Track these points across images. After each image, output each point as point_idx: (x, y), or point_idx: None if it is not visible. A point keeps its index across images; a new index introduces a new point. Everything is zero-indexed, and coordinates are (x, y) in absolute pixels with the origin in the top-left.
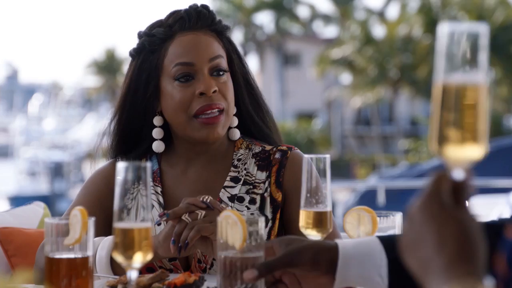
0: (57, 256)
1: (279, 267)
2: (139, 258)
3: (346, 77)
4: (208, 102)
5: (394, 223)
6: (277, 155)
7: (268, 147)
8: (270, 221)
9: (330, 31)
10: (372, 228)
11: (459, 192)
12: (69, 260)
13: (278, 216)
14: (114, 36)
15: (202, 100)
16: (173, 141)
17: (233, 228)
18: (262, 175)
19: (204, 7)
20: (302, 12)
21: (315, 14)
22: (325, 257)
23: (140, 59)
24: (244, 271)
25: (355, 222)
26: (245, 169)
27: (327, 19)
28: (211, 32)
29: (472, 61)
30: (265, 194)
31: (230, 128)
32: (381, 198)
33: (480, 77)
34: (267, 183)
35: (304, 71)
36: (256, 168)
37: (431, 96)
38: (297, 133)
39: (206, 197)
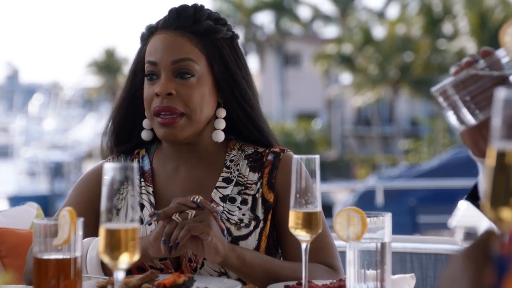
0: (46, 257)
1: None
2: (126, 259)
3: (346, 77)
4: (161, 104)
5: (383, 224)
6: (270, 157)
7: (261, 149)
8: (262, 222)
9: (330, 31)
10: (362, 229)
11: None
12: (57, 260)
13: (269, 216)
14: (114, 36)
15: (158, 101)
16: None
17: None
18: (254, 176)
19: (195, 7)
20: (302, 12)
21: (316, 14)
22: None
23: (138, 50)
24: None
25: (344, 223)
26: (237, 170)
27: (327, 19)
28: (189, 34)
29: None
30: (257, 195)
31: (215, 129)
32: (379, 199)
33: None
34: (259, 184)
35: (304, 71)
36: (248, 169)
37: (431, 96)
38: (297, 133)
39: (197, 197)
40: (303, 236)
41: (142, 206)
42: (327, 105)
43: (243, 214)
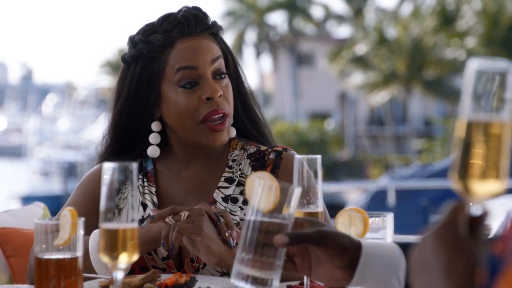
0: (47, 256)
1: (309, 242)
2: (125, 259)
3: (359, 76)
4: (215, 108)
5: (385, 224)
6: (272, 156)
7: (263, 148)
8: None
9: (343, 31)
10: (363, 229)
11: (475, 226)
12: (58, 260)
13: None
14: (127, 36)
15: (208, 105)
16: (170, 144)
17: (265, 190)
18: None
19: (198, 9)
20: (316, 12)
21: (329, 14)
22: (351, 251)
23: (139, 67)
24: (268, 236)
25: (346, 223)
26: (239, 169)
27: (340, 19)
28: (208, 36)
29: (498, 100)
30: None
31: None
32: (391, 199)
33: (506, 114)
34: None
35: (318, 71)
36: (250, 168)
37: (445, 96)
38: (310, 133)
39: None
40: None
41: (144, 206)
42: (340, 105)
43: (245, 214)
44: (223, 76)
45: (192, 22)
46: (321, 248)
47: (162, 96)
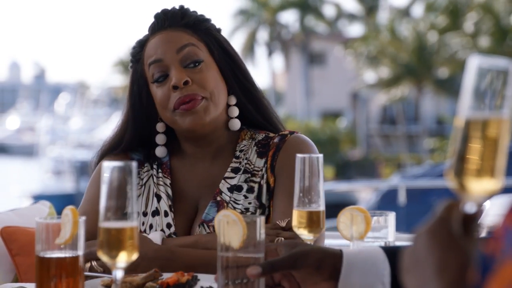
0: (48, 255)
1: (283, 268)
2: (124, 258)
3: (371, 75)
4: (180, 95)
5: (387, 223)
6: (276, 140)
7: (272, 134)
8: (267, 209)
9: (355, 29)
10: (365, 228)
11: (469, 224)
12: (59, 259)
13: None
14: (140, 34)
15: (177, 93)
16: (179, 141)
17: (232, 227)
18: (261, 162)
19: (179, 7)
20: (327, 10)
21: (340, 13)
22: (329, 263)
23: (131, 71)
24: (243, 270)
25: (348, 222)
26: (246, 158)
27: (352, 17)
28: (182, 28)
29: (498, 97)
30: (262, 182)
31: (230, 118)
32: (401, 198)
33: (504, 112)
34: (264, 169)
35: (329, 70)
36: (256, 155)
37: (457, 94)
38: (322, 132)
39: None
40: (306, 236)
41: (159, 197)
42: (352, 104)
43: (249, 203)
44: (196, 64)
45: (161, 19)
46: (297, 270)
47: (152, 96)
